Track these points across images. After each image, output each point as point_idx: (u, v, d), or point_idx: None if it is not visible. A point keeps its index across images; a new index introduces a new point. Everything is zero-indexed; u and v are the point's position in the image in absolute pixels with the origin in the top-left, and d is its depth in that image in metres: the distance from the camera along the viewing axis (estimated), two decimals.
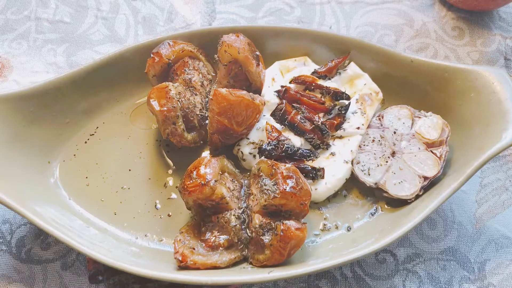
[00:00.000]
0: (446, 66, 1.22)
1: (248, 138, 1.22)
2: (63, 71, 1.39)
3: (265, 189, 1.07)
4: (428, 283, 1.16)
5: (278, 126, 1.23)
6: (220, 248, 1.10)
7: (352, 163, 1.21)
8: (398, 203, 1.18)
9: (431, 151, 1.18)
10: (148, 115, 1.31)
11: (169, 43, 1.26)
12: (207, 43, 1.31)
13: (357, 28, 1.50)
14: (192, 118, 1.21)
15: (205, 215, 1.13)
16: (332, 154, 1.22)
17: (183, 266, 1.06)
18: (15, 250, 1.19)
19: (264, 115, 1.24)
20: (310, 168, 1.17)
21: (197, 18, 1.53)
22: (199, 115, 1.23)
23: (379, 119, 1.25)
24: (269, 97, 1.25)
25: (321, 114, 1.24)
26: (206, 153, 1.28)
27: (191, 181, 1.07)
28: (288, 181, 1.06)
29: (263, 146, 1.17)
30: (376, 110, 1.28)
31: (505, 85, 1.14)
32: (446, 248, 1.19)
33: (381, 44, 1.39)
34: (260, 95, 1.27)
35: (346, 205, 1.21)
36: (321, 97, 1.26)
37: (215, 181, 1.08)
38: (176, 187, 1.23)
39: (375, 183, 1.18)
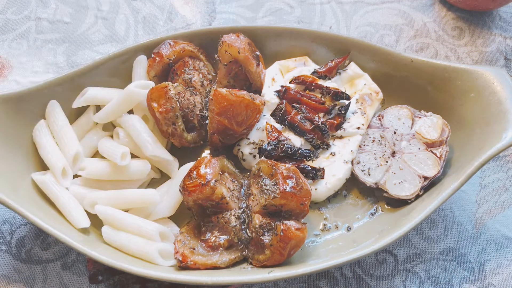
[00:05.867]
0: (446, 66, 1.22)
1: (248, 138, 1.22)
2: (63, 71, 1.39)
3: (265, 189, 1.06)
4: (428, 283, 1.16)
5: (278, 126, 1.23)
6: (220, 248, 1.10)
7: (352, 163, 1.21)
8: (398, 203, 1.18)
9: (431, 151, 1.18)
10: (148, 115, 1.31)
11: (169, 43, 1.26)
12: (207, 43, 1.31)
13: (357, 28, 1.50)
14: (192, 118, 1.21)
15: (205, 215, 1.12)
16: (332, 154, 1.21)
17: (183, 266, 1.06)
18: (15, 250, 1.19)
19: (264, 115, 1.24)
20: (310, 168, 1.17)
21: (197, 18, 1.52)
22: (199, 115, 1.23)
23: (379, 119, 1.25)
24: (269, 97, 1.25)
25: (321, 114, 1.24)
26: (206, 153, 1.28)
27: (191, 181, 1.07)
28: (288, 181, 1.05)
29: (263, 146, 1.17)
30: (376, 110, 1.28)
31: (505, 85, 1.14)
32: (446, 248, 1.19)
33: (381, 44, 1.39)
34: (260, 95, 1.27)
35: (346, 205, 1.21)
36: (321, 97, 1.26)
37: (215, 181, 1.08)
38: None
39: (375, 183, 1.18)
